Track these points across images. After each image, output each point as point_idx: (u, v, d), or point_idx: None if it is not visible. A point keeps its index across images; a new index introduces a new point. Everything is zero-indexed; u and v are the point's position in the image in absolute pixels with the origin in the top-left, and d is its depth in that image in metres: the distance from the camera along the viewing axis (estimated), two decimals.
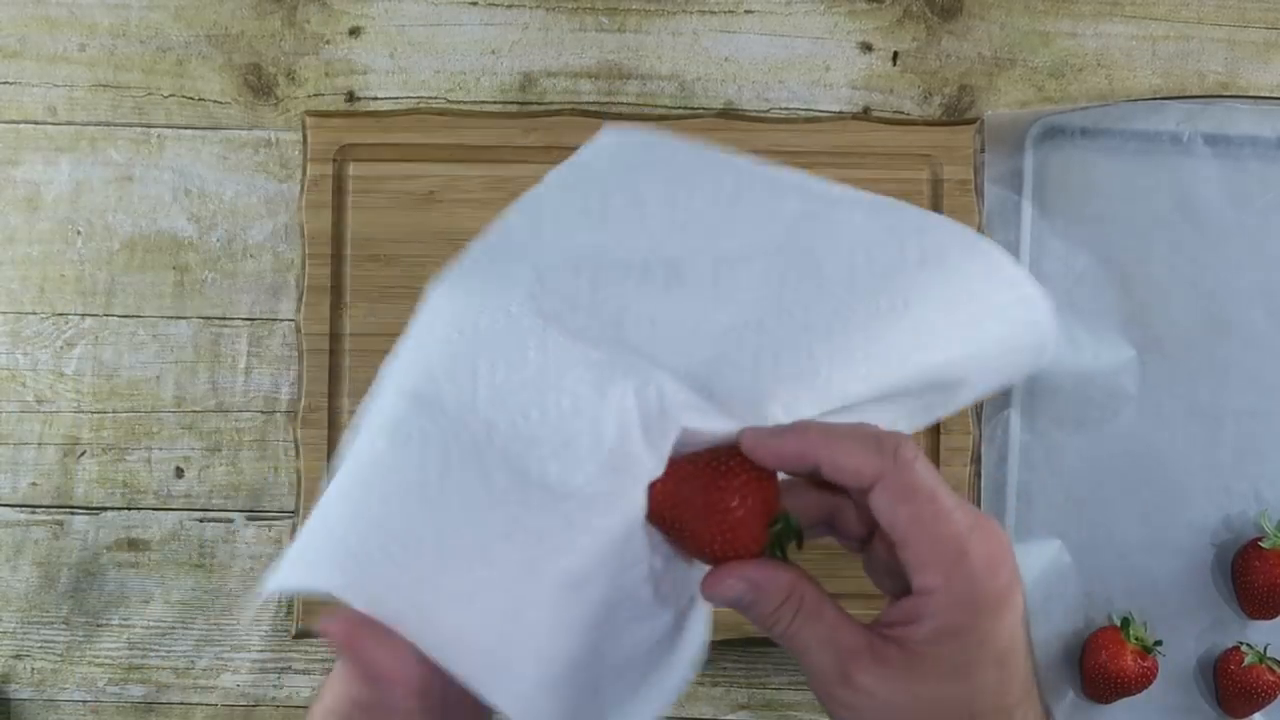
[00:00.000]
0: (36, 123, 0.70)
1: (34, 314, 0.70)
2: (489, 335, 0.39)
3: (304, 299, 0.68)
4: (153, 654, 0.70)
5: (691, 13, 0.71)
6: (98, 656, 0.70)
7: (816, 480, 0.37)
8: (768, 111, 0.71)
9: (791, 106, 0.71)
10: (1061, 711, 0.70)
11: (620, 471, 0.37)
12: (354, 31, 0.70)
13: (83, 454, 0.70)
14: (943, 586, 0.35)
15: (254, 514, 0.70)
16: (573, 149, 0.69)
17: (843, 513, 0.39)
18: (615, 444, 0.36)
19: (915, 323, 0.39)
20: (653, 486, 0.37)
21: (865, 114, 0.71)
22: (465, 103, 0.70)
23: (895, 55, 0.71)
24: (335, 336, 0.69)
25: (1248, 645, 0.69)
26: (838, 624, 0.37)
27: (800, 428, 0.37)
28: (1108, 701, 0.69)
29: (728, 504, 0.37)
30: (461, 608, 0.36)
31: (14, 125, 0.70)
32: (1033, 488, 0.70)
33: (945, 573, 0.35)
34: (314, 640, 0.70)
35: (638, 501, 0.37)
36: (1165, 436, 0.70)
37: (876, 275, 0.40)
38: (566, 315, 0.39)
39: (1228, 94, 0.71)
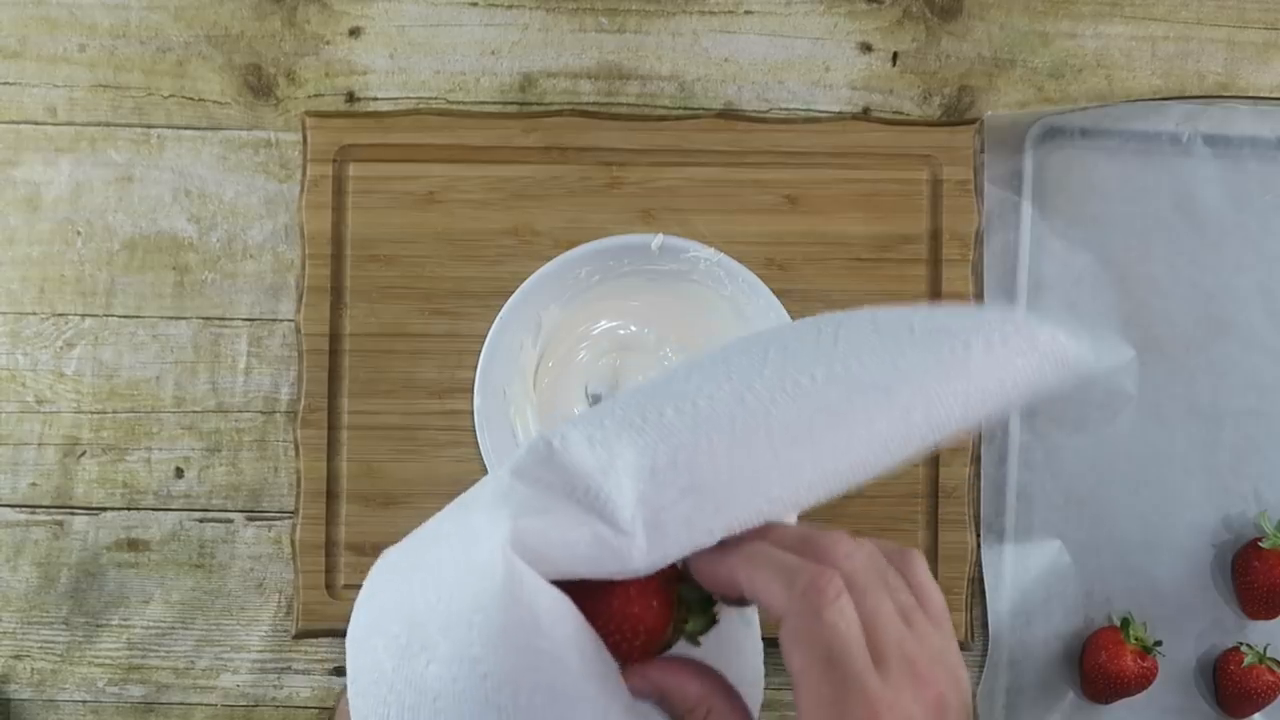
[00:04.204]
0: (36, 123, 0.70)
1: (34, 314, 0.70)
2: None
3: (304, 299, 0.68)
4: (152, 654, 0.70)
5: (691, 13, 0.71)
6: (97, 657, 0.70)
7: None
8: (767, 112, 0.71)
9: (791, 107, 0.71)
10: (1061, 712, 0.70)
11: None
12: (354, 32, 0.70)
13: (83, 454, 0.70)
14: None
15: (254, 514, 0.70)
16: (572, 149, 0.69)
17: None
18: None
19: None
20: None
21: (865, 114, 0.71)
22: (465, 103, 0.70)
23: (895, 56, 0.71)
24: (335, 337, 0.69)
25: (1248, 645, 0.69)
26: None
27: (732, 555, 0.35)
28: (1107, 702, 0.69)
29: (622, 607, 0.36)
30: None
31: (14, 125, 0.70)
32: (1033, 488, 0.70)
33: None
34: (314, 640, 0.70)
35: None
36: (1165, 436, 0.70)
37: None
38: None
39: (1227, 94, 0.71)
